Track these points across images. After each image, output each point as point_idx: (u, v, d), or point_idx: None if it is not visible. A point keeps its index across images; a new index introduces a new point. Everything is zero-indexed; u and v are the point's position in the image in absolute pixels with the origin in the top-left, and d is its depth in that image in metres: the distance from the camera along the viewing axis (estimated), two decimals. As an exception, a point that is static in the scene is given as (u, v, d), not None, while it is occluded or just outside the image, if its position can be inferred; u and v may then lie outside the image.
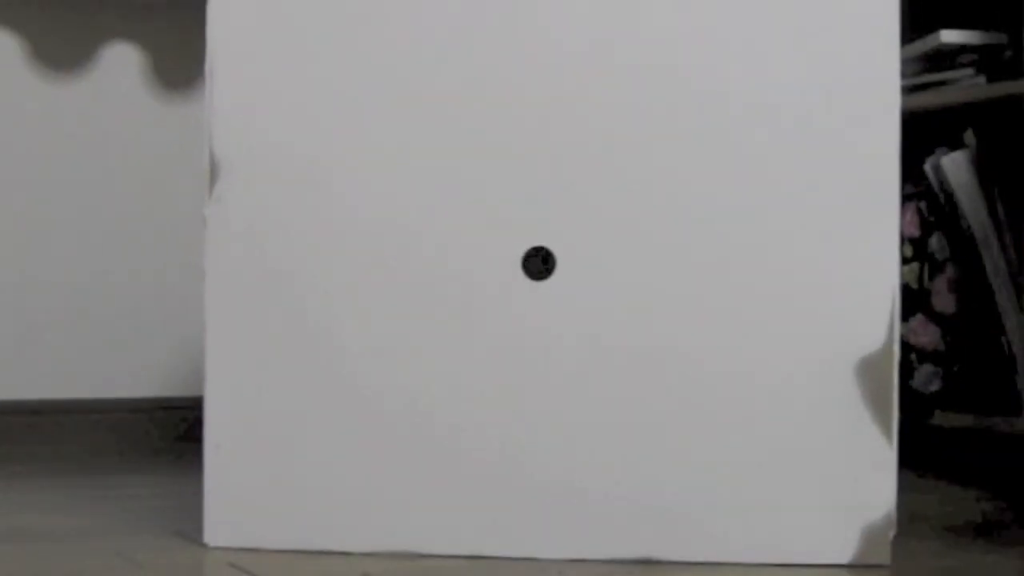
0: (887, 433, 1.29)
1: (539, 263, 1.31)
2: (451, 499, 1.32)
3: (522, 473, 1.31)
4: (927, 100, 1.87)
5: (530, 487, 1.31)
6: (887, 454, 1.29)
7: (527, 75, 1.31)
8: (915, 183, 1.90)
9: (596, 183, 1.30)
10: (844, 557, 1.29)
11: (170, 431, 2.10)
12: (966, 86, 1.86)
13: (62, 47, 2.06)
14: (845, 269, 1.29)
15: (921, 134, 1.96)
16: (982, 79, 1.86)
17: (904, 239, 1.85)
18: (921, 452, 2.02)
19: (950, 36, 1.85)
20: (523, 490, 1.31)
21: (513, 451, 1.31)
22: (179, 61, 2.12)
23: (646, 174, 1.30)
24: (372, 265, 1.32)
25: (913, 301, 1.85)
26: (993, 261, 1.81)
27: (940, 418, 1.82)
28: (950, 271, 1.84)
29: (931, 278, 1.84)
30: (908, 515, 1.54)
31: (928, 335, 1.84)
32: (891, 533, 1.29)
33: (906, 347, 1.84)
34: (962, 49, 1.87)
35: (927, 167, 1.87)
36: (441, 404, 1.32)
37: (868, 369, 1.29)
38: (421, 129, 1.32)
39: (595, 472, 1.31)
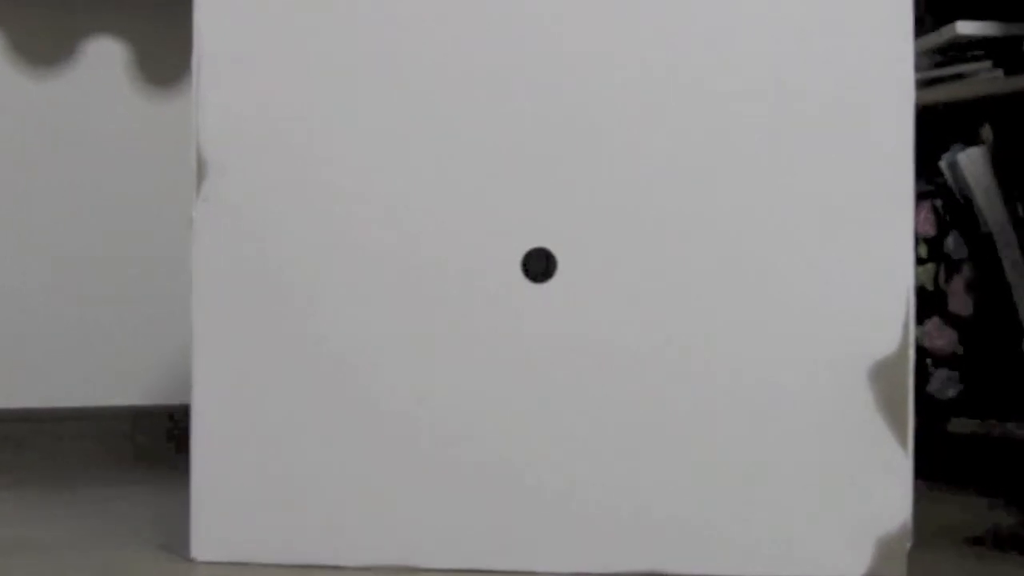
0: (902, 440, 1.28)
1: (540, 264, 1.31)
2: (448, 510, 1.32)
3: (521, 482, 1.31)
4: (943, 94, 1.87)
5: (530, 496, 1.31)
6: (902, 462, 1.28)
7: (527, 72, 1.31)
8: (930, 181, 1.90)
9: (599, 182, 1.30)
10: (857, 570, 1.29)
11: (155, 440, 2.09)
12: (983, 79, 1.86)
13: (42, 42, 2.05)
14: (858, 270, 1.29)
15: (936, 130, 1.95)
16: (1000, 72, 1.86)
17: (919, 239, 1.85)
18: (937, 460, 1.99)
19: (966, 28, 1.85)
20: (522, 500, 1.31)
21: (512, 461, 1.31)
22: (165, 56, 2.12)
23: (649, 173, 1.30)
24: (368, 268, 1.32)
25: (929, 303, 1.85)
26: (1012, 261, 1.81)
27: (957, 425, 1.81)
28: (967, 272, 1.84)
29: (947, 279, 1.84)
30: (925, 526, 1.53)
31: (944, 338, 1.84)
32: (907, 545, 1.29)
33: (921, 351, 1.84)
34: (979, 41, 1.87)
35: (943, 164, 1.87)
36: (437, 413, 1.32)
37: (882, 374, 1.28)
38: (418, 127, 1.32)
39: (598, 481, 1.30)
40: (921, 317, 1.84)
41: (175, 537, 1.46)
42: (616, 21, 1.30)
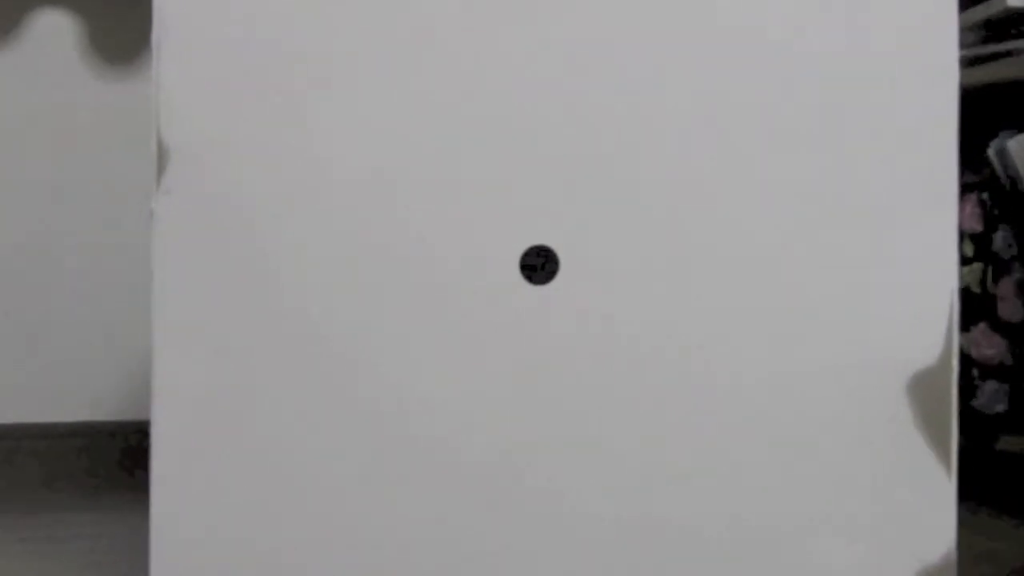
0: (945, 461, 1.28)
1: (540, 264, 1.30)
2: (443, 529, 1.31)
3: (521, 482, 1.30)
4: (990, 74, 1.88)
5: (529, 497, 1.30)
6: (945, 485, 1.28)
7: (534, 66, 1.30)
8: (976, 170, 1.89)
9: (603, 182, 1.29)
10: (895, 607, 1.29)
11: (110, 461, 2.09)
12: (1035, 58, 1.86)
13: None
14: (895, 271, 1.28)
15: (984, 113, 1.95)
16: (1054, 50, 1.88)
17: (964, 236, 1.85)
18: (985, 482, 2.03)
19: (1017, -1, 1.87)
20: (522, 500, 1.30)
21: (512, 461, 1.30)
22: (120, 31, 2.13)
23: (662, 167, 1.29)
24: (355, 268, 1.31)
25: (975, 307, 1.84)
26: (1068, 260, 1.84)
27: (1007, 443, 1.89)
28: (1018, 272, 1.84)
29: (996, 281, 1.84)
30: (971, 556, 1.52)
31: (992, 347, 1.84)
32: (951, 578, 1.30)
33: (967, 361, 1.84)
34: (1031, 16, 1.89)
35: (990, 152, 1.87)
36: (432, 424, 1.30)
37: (922, 386, 1.28)
38: (417, 122, 1.30)
39: (607, 496, 1.29)
40: (966, 323, 1.84)
41: (133, 573, 1.45)
42: (623, 13, 1.30)
